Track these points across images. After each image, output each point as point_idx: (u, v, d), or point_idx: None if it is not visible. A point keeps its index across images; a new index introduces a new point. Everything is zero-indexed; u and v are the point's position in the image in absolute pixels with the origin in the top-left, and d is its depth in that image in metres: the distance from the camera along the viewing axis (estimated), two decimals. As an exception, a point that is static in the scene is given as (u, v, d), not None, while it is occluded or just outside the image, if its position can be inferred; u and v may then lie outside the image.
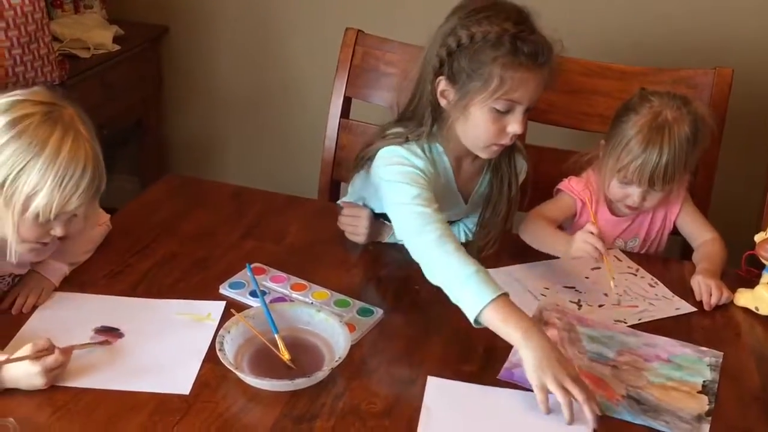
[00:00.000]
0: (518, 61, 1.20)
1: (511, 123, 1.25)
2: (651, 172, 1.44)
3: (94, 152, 1.17)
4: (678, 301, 1.37)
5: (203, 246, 1.46)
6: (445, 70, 1.24)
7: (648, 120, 1.45)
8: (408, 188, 1.26)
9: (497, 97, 1.22)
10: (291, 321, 1.21)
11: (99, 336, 1.18)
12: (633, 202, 1.49)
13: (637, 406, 1.11)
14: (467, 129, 1.28)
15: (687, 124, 1.45)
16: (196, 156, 2.82)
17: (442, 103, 1.28)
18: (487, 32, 1.20)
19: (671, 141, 1.43)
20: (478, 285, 1.14)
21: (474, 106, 1.24)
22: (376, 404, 1.10)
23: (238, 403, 1.08)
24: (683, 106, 1.47)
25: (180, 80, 2.72)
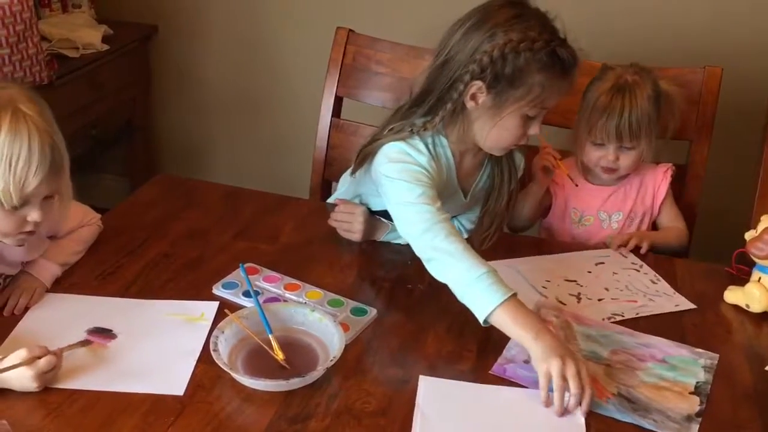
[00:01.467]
0: (558, 71, 1.25)
1: (533, 126, 1.31)
2: (617, 126, 1.52)
3: (41, 127, 1.11)
4: (678, 298, 1.37)
5: (196, 246, 1.45)
6: (487, 77, 1.25)
7: (611, 83, 1.55)
8: (412, 186, 1.28)
9: (534, 105, 1.27)
10: (285, 321, 1.21)
11: (91, 337, 1.17)
12: (607, 162, 1.57)
13: (627, 404, 1.11)
14: (493, 131, 1.30)
15: (647, 87, 1.55)
16: (186, 156, 2.81)
17: (468, 105, 1.29)
18: (533, 42, 1.22)
19: (632, 98, 1.53)
20: (489, 286, 1.17)
21: (507, 112, 1.27)
22: (370, 403, 1.10)
23: (232, 403, 1.08)
24: (642, 72, 1.57)
25: (169, 80, 2.71)
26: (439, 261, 1.22)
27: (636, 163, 1.59)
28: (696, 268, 1.50)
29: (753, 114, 1.75)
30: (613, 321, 1.31)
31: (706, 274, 1.47)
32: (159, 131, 2.80)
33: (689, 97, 1.71)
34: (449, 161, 1.38)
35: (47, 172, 1.11)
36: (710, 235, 1.79)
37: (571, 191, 1.65)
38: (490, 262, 1.21)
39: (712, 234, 1.75)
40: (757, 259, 1.35)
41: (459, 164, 1.40)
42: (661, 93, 1.57)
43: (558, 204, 1.67)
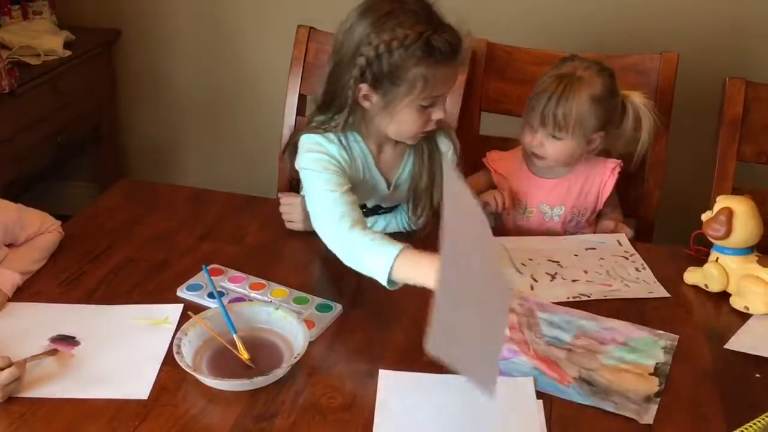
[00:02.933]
0: (437, 61, 1.26)
1: (435, 112, 1.33)
2: (542, 111, 1.53)
3: None
4: (655, 287, 1.39)
5: (160, 250, 1.45)
6: (367, 78, 1.28)
7: (559, 73, 1.56)
8: (318, 175, 1.31)
9: (423, 97, 1.29)
10: (249, 320, 1.22)
11: (54, 345, 1.17)
12: (534, 146, 1.58)
13: (588, 387, 1.13)
14: (394, 125, 1.33)
15: (594, 86, 1.54)
16: (155, 160, 2.80)
17: (365, 105, 1.33)
18: (403, 38, 1.24)
19: (570, 90, 1.53)
20: (381, 246, 1.19)
21: (400, 107, 1.30)
22: (336, 398, 1.10)
23: (197, 405, 1.08)
24: (601, 72, 1.56)
25: (135, 84, 2.70)
26: (348, 250, 1.24)
27: (564, 155, 1.58)
28: (657, 251, 1.52)
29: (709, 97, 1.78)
30: (577, 300, 1.33)
31: (668, 256, 1.50)
32: (126, 136, 2.79)
33: (647, 83, 1.74)
34: (365, 154, 1.40)
35: None
36: (673, 220, 1.82)
37: (515, 182, 1.66)
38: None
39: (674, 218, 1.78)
40: (713, 239, 1.37)
41: (379, 156, 1.43)
42: (608, 98, 1.55)
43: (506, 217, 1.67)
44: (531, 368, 1.16)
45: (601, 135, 1.57)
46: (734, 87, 1.67)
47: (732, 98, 1.67)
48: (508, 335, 1.24)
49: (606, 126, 1.57)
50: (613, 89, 1.57)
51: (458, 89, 1.83)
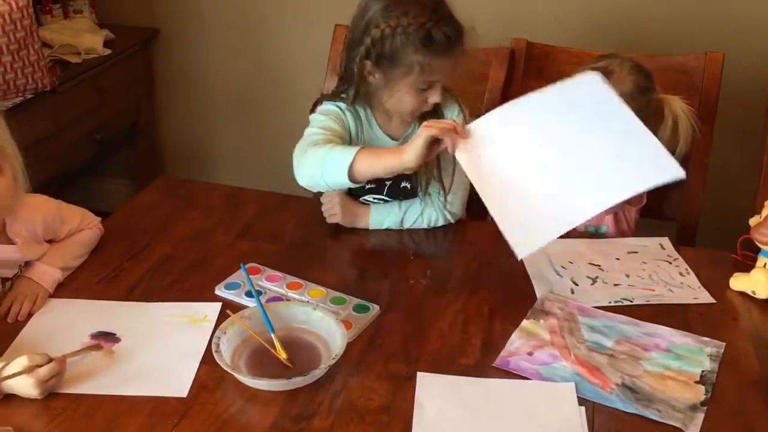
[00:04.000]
0: (433, 50, 1.36)
1: (431, 96, 1.42)
2: None
3: None
4: (701, 292, 1.35)
5: (198, 248, 1.45)
6: (372, 57, 1.39)
7: (593, 66, 1.50)
8: (317, 117, 1.48)
9: (420, 81, 1.39)
10: (287, 320, 1.21)
11: (94, 341, 1.18)
12: None
13: (631, 394, 1.11)
14: (393, 102, 1.44)
15: (624, 81, 1.51)
16: (191, 158, 2.82)
17: (369, 80, 1.44)
18: (406, 26, 1.35)
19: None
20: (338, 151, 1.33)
21: (398, 87, 1.41)
22: (374, 400, 1.10)
23: (236, 403, 1.08)
24: (633, 70, 1.52)
25: (172, 82, 2.72)
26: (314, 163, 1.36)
27: None
28: (701, 255, 1.49)
29: (756, 98, 1.74)
30: (619, 305, 1.31)
31: (712, 261, 1.46)
32: (163, 134, 2.81)
33: (691, 83, 1.70)
34: (370, 122, 1.51)
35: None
36: (716, 223, 1.78)
37: None
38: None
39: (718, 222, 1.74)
40: (761, 244, 1.34)
41: (386, 124, 1.52)
42: (640, 96, 1.51)
43: None
44: (572, 374, 1.15)
45: None
46: (782, 87, 1.63)
47: (780, 99, 1.63)
48: (548, 339, 1.22)
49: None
50: (646, 88, 1.54)
51: (496, 89, 1.81)
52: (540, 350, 1.20)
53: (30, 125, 2.03)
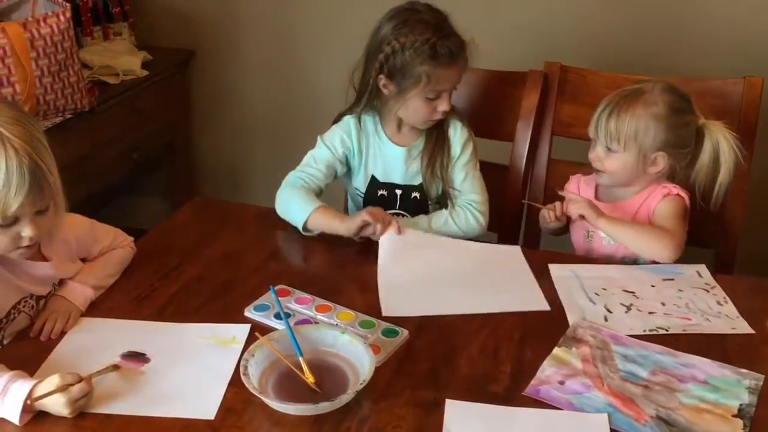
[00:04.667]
0: (439, 62, 1.54)
1: (440, 104, 1.58)
2: (597, 121, 1.54)
3: (18, 147, 1.10)
4: (739, 322, 1.32)
5: (229, 268, 1.46)
6: (385, 71, 1.57)
7: (627, 89, 1.54)
8: (319, 142, 1.70)
9: (428, 90, 1.55)
10: (315, 343, 1.21)
11: (125, 361, 1.19)
12: (592, 159, 1.57)
13: (666, 427, 1.08)
14: (406, 112, 1.61)
15: (656, 102, 1.50)
16: (226, 177, 2.85)
17: (384, 92, 1.61)
18: (414, 41, 1.53)
19: (629, 104, 1.51)
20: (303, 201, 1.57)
21: (410, 97, 1.57)
22: (401, 427, 1.08)
23: (263, 427, 1.08)
24: (666, 91, 1.51)
25: (208, 103, 2.76)
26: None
27: (620, 169, 1.53)
28: (740, 283, 1.45)
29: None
30: (654, 334, 1.28)
31: (751, 289, 1.43)
32: (199, 154, 2.85)
33: (729, 108, 1.67)
34: (377, 130, 1.67)
35: (28, 191, 1.12)
36: (755, 251, 1.74)
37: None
38: (558, 264, 1.47)
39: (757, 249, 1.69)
40: (803, 274, 1.30)
41: (398, 134, 1.67)
42: (674, 117, 1.49)
43: (577, 220, 1.62)
44: (605, 404, 1.12)
45: (663, 155, 1.51)
46: (823, 112, 1.59)
47: (821, 124, 1.59)
48: (580, 368, 1.20)
49: (669, 147, 1.50)
50: (680, 109, 1.51)
51: (529, 112, 1.80)
52: (572, 379, 1.17)
53: (69, 145, 2.07)
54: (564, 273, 1.47)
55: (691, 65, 2.12)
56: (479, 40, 1.64)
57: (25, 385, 1.06)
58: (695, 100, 1.56)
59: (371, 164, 1.68)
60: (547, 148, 1.83)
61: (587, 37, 2.27)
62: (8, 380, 1.07)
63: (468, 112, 1.86)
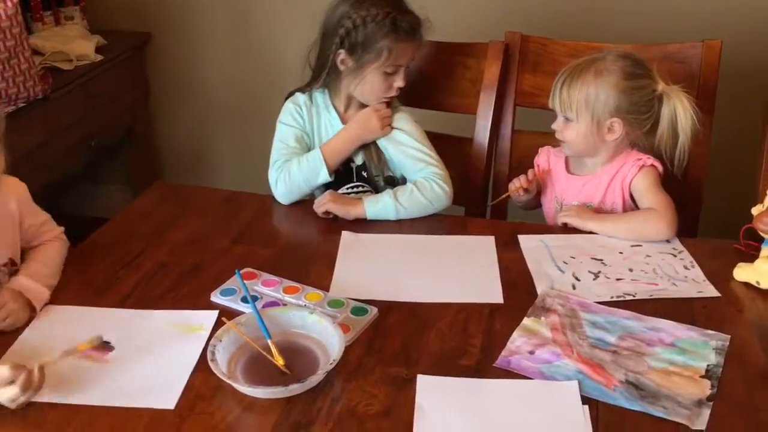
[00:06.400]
0: (399, 36, 1.57)
1: (396, 80, 1.62)
2: (553, 90, 1.54)
3: None
4: (705, 285, 1.33)
5: (194, 254, 1.44)
6: (345, 46, 1.59)
7: (583, 58, 1.55)
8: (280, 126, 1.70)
9: (388, 65, 1.58)
10: (284, 325, 1.19)
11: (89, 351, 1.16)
12: (556, 130, 1.56)
13: (635, 391, 1.08)
14: (362, 88, 1.62)
15: (608, 70, 1.50)
16: (189, 163, 2.80)
17: (341, 68, 1.62)
18: (375, 15, 1.56)
19: (581, 72, 1.51)
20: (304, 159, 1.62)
21: (368, 72, 1.59)
22: (373, 405, 1.08)
23: (233, 413, 1.06)
24: (620, 59, 1.51)
25: (167, 87, 2.70)
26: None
27: (579, 139, 1.53)
28: (703, 246, 1.47)
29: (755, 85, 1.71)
30: (621, 300, 1.29)
31: (715, 252, 1.44)
32: (160, 139, 2.79)
33: (689, 72, 1.67)
34: (328, 107, 1.68)
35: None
36: (718, 213, 1.76)
37: (555, 180, 1.64)
38: (527, 235, 1.49)
39: (719, 211, 1.71)
40: (765, 234, 1.31)
41: (345, 114, 1.68)
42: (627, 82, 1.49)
43: (548, 191, 1.67)
44: (575, 372, 1.12)
45: (618, 122, 1.50)
46: (782, 74, 1.60)
47: (779, 85, 1.60)
48: (549, 337, 1.20)
49: (623, 113, 1.50)
50: (634, 74, 1.50)
51: (491, 83, 1.79)
52: (541, 348, 1.18)
53: (24, 134, 2.01)
54: (533, 243, 1.47)
55: (654, 30, 2.12)
56: (438, 11, 1.64)
57: None
58: (656, 65, 1.56)
59: (324, 140, 1.67)
60: (511, 120, 1.82)
61: (548, 5, 2.25)
62: None
63: (430, 85, 1.85)
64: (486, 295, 1.32)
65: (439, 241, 1.50)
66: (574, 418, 1.04)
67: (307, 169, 1.59)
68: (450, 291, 1.33)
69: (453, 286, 1.34)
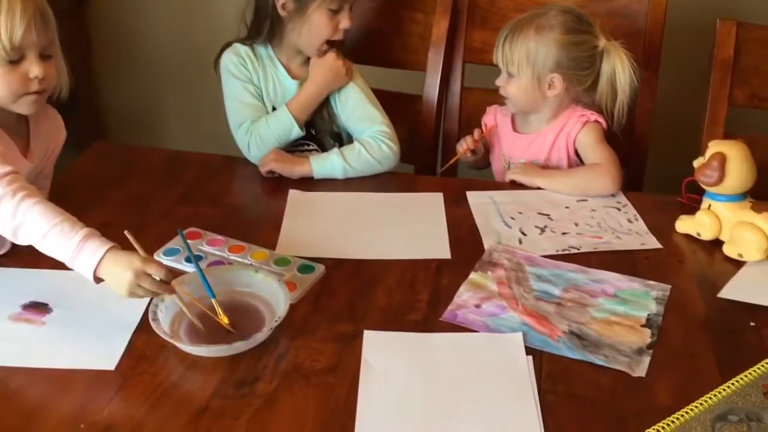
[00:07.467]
0: None
1: (342, 20, 1.56)
2: (496, 46, 1.54)
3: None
4: (648, 238, 1.35)
5: (136, 214, 1.40)
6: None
7: (527, 14, 1.53)
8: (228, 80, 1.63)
9: (331, 0, 1.52)
10: (229, 284, 1.18)
11: (25, 313, 1.13)
12: (497, 84, 1.56)
13: (578, 341, 1.10)
14: (306, 31, 1.56)
15: (548, 25, 1.50)
16: (134, 123, 2.72)
17: (282, 14, 1.56)
18: None
19: (521, 27, 1.51)
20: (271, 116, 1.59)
21: (312, 10, 1.53)
22: (319, 361, 1.07)
23: (176, 372, 1.05)
24: (561, 14, 1.51)
25: (110, 44, 2.61)
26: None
27: (520, 94, 1.53)
28: (647, 199, 1.49)
29: (700, 40, 1.72)
30: (566, 253, 1.30)
31: (658, 205, 1.46)
32: (104, 99, 2.71)
33: (635, 28, 1.68)
34: (273, 60, 1.63)
35: (32, 17, 1.18)
36: (663, 167, 1.78)
37: (503, 138, 1.64)
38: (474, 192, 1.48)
39: (665, 166, 1.73)
40: (705, 186, 1.34)
41: (289, 68, 1.64)
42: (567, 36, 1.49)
43: (495, 149, 1.67)
44: (520, 324, 1.14)
45: (558, 77, 1.51)
46: (725, 29, 1.62)
47: (723, 40, 1.62)
48: (495, 290, 1.21)
49: (563, 68, 1.50)
50: (574, 29, 1.50)
51: (440, 40, 1.77)
52: (488, 302, 1.18)
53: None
54: (481, 199, 1.47)
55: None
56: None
57: (97, 252, 1.06)
58: (602, 21, 1.56)
59: (272, 95, 1.62)
60: (460, 77, 1.81)
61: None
62: (82, 238, 1.07)
63: (378, 41, 1.82)
64: (433, 251, 1.32)
65: (387, 199, 1.49)
66: (518, 369, 1.05)
67: (278, 129, 1.55)
68: (397, 247, 1.32)
69: (400, 243, 1.34)
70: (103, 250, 1.06)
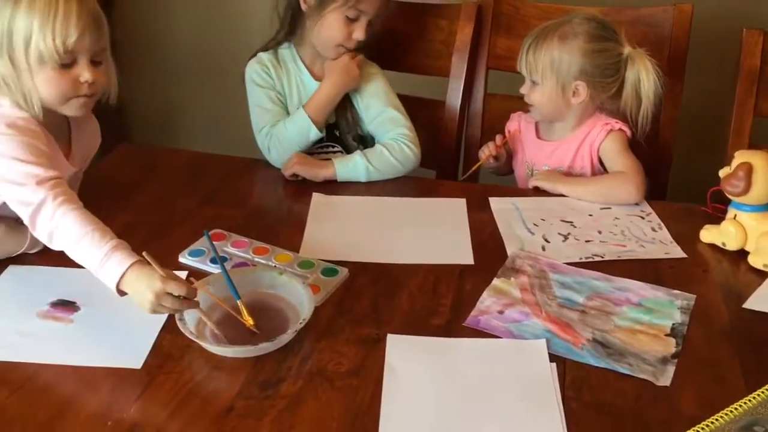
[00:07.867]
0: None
1: (356, 30, 1.57)
2: (521, 54, 1.55)
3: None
4: (672, 247, 1.35)
5: (161, 215, 1.42)
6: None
7: (552, 22, 1.54)
8: (252, 88, 1.66)
9: (349, 6, 1.54)
10: (253, 285, 1.18)
11: (53, 310, 1.15)
12: (522, 92, 1.57)
13: (602, 349, 1.10)
14: (321, 32, 1.58)
15: (574, 33, 1.50)
16: (156, 124, 2.75)
17: (303, 8, 1.59)
18: None
19: (545, 35, 1.52)
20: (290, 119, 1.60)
21: (329, 11, 1.55)
22: (343, 364, 1.08)
23: (202, 372, 1.06)
24: (585, 21, 1.51)
25: (133, 44, 2.63)
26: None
27: (544, 102, 1.54)
28: (671, 208, 1.48)
29: (726, 50, 1.72)
30: (590, 261, 1.30)
31: (682, 214, 1.46)
32: (127, 100, 2.72)
33: (660, 36, 1.68)
34: (295, 60, 1.66)
35: (86, 23, 1.17)
36: (687, 176, 1.77)
37: (526, 145, 1.64)
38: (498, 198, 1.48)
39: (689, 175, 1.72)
40: (731, 196, 1.33)
41: (312, 69, 1.65)
42: (591, 44, 1.49)
43: (518, 156, 1.67)
44: (543, 330, 1.13)
45: (583, 85, 1.51)
46: (752, 38, 1.61)
47: (749, 50, 1.61)
48: (519, 297, 1.21)
49: (587, 76, 1.50)
50: (599, 36, 1.50)
51: (464, 47, 1.78)
52: (511, 308, 1.18)
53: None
54: (504, 206, 1.48)
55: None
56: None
57: (122, 264, 1.07)
58: (627, 29, 1.56)
59: (296, 98, 1.64)
60: (483, 83, 1.82)
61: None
62: (110, 249, 1.08)
63: (402, 47, 1.83)
64: (456, 256, 1.32)
65: (410, 204, 1.50)
66: (542, 376, 1.05)
67: (296, 131, 1.56)
68: (421, 252, 1.33)
69: (424, 248, 1.34)
70: (127, 264, 1.07)
